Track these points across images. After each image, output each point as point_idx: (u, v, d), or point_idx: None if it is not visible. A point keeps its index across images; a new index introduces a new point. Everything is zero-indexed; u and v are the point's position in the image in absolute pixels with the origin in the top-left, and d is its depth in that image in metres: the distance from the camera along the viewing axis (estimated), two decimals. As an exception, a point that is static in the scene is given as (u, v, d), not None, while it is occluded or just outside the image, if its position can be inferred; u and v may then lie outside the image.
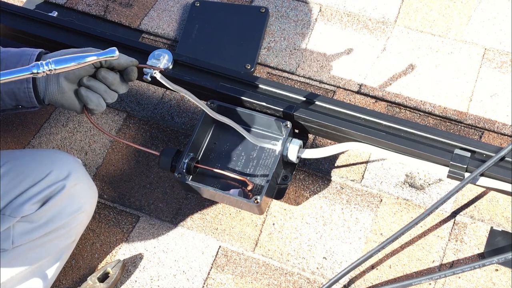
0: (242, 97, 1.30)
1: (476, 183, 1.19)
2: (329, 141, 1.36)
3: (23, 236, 1.15)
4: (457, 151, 1.20)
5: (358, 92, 1.46)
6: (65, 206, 1.19)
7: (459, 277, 1.21)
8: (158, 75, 1.12)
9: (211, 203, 1.34)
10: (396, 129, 1.25)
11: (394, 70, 1.48)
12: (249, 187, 1.24)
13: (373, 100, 1.44)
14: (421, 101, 1.43)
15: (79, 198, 1.22)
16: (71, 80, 1.18)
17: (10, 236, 1.13)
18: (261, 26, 1.55)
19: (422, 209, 1.28)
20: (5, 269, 1.14)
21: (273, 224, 1.31)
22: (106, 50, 1.09)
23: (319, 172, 1.35)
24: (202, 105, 1.20)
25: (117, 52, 1.08)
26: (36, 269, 1.19)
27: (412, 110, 1.42)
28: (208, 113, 1.21)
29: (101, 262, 1.30)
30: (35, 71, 1.02)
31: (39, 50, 1.20)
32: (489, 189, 1.28)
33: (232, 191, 1.24)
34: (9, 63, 1.16)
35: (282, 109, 1.28)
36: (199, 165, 1.26)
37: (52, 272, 1.22)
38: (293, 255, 1.27)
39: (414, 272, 1.23)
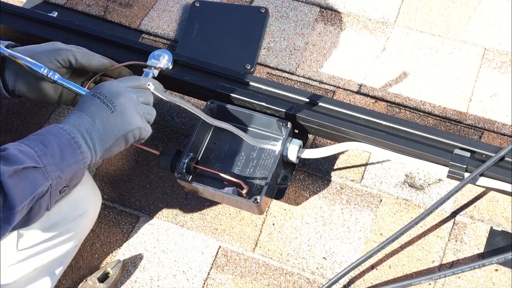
0: (242, 97, 1.30)
1: (476, 183, 1.19)
2: (329, 141, 1.36)
3: (27, 239, 1.15)
4: (456, 151, 1.20)
5: (358, 92, 1.46)
6: (70, 211, 1.19)
7: (459, 277, 1.21)
8: (151, 87, 1.12)
9: (211, 203, 1.34)
10: (396, 129, 1.25)
11: (394, 70, 1.48)
12: (245, 190, 1.23)
13: (373, 100, 1.44)
14: (421, 101, 1.43)
15: (84, 203, 1.22)
16: (40, 77, 1.19)
17: (15, 239, 1.13)
18: (261, 26, 1.55)
19: (422, 209, 1.28)
20: (12, 271, 1.14)
21: (273, 224, 1.31)
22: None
23: (319, 172, 1.35)
24: (199, 112, 1.19)
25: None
26: (44, 269, 1.19)
27: (412, 110, 1.42)
28: (205, 119, 1.21)
29: (101, 262, 1.30)
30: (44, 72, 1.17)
31: (8, 42, 1.21)
32: (489, 189, 1.28)
33: (231, 191, 1.24)
34: None
35: (282, 109, 1.28)
36: (198, 166, 1.26)
37: (57, 272, 1.22)
38: (293, 255, 1.27)
39: (414, 272, 1.23)
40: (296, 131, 1.32)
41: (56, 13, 1.58)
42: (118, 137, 1.09)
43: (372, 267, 1.24)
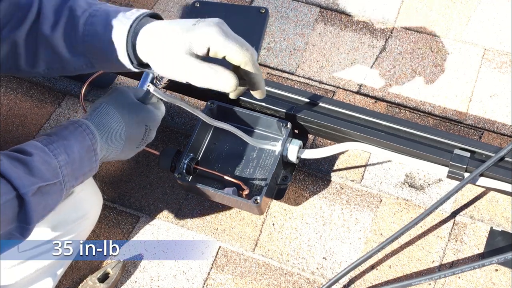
0: (241, 98, 1.30)
1: (476, 183, 1.19)
2: (329, 141, 1.36)
3: (28, 241, 1.15)
4: (456, 151, 1.20)
5: (358, 93, 1.46)
6: (71, 212, 1.19)
7: (459, 277, 1.21)
8: (151, 88, 1.09)
9: (211, 203, 1.34)
10: (396, 129, 1.25)
11: (394, 70, 1.48)
12: (245, 192, 1.23)
13: (373, 101, 1.44)
14: (420, 101, 1.43)
15: (85, 204, 1.22)
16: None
17: None
18: (261, 26, 1.55)
19: (422, 209, 1.28)
20: (13, 272, 1.15)
21: (273, 224, 1.31)
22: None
23: (319, 173, 1.35)
24: (198, 113, 1.19)
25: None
26: (45, 270, 1.19)
27: (412, 111, 1.42)
28: (205, 120, 1.21)
29: (101, 262, 1.30)
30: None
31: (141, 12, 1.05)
32: (488, 189, 1.28)
33: (232, 191, 1.24)
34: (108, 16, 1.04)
35: (282, 110, 1.28)
36: (198, 167, 1.26)
37: (59, 273, 1.22)
38: (293, 255, 1.27)
39: (414, 272, 1.23)
40: (296, 131, 1.32)
41: (56, 13, 1.58)
42: (125, 158, 1.14)
43: (372, 267, 1.24)
